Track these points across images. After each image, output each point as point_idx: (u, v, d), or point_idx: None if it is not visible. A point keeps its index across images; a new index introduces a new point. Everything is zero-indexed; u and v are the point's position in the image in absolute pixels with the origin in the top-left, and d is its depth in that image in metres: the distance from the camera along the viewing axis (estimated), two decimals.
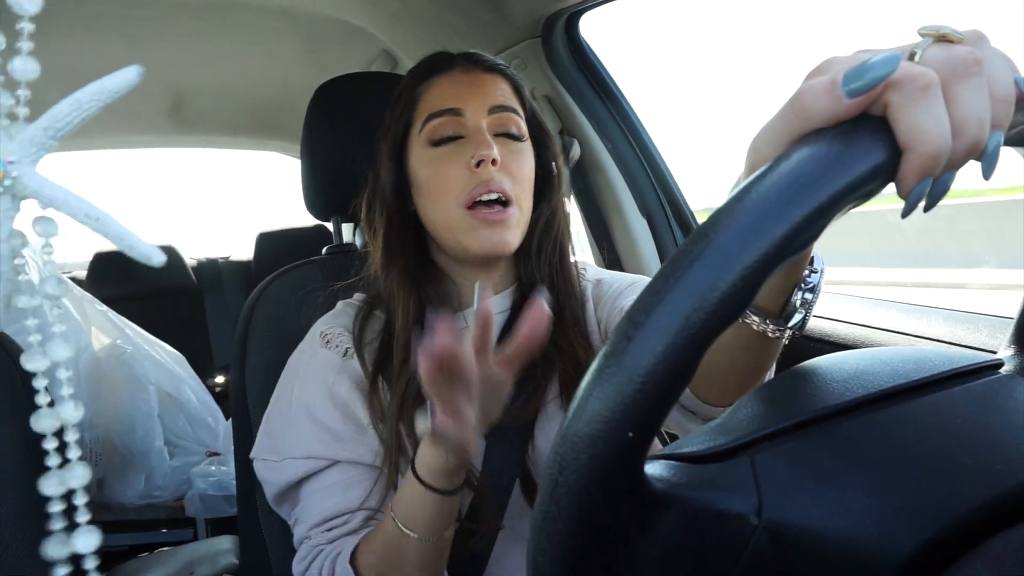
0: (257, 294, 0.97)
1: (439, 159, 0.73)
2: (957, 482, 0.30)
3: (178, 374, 1.95)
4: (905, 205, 0.29)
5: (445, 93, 0.75)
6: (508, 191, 0.71)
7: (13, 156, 0.27)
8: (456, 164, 0.72)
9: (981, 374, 0.37)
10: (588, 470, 0.24)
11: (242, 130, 2.46)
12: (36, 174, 0.28)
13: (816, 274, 0.46)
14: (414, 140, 0.75)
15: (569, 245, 0.81)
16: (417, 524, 0.60)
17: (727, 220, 0.25)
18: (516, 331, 0.52)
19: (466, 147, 0.72)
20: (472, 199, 0.71)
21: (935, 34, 0.30)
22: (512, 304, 0.79)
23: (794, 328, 0.46)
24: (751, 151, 0.32)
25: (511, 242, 0.73)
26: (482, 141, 0.71)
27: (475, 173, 0.71)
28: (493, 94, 0.75)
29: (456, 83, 0.75)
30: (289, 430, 0.74)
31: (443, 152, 0.73)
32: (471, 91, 0.74)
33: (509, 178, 0.72)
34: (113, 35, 1.53)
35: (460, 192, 0.71)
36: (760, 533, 0.28)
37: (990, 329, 0.81)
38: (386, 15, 1.47)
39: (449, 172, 0.72)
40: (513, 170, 0.73)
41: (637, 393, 0.23)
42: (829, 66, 0.30)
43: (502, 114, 0.74)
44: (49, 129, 0.28)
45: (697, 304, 0.24)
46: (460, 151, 0.72)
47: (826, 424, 0.32)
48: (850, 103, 0.27)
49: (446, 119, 0.73)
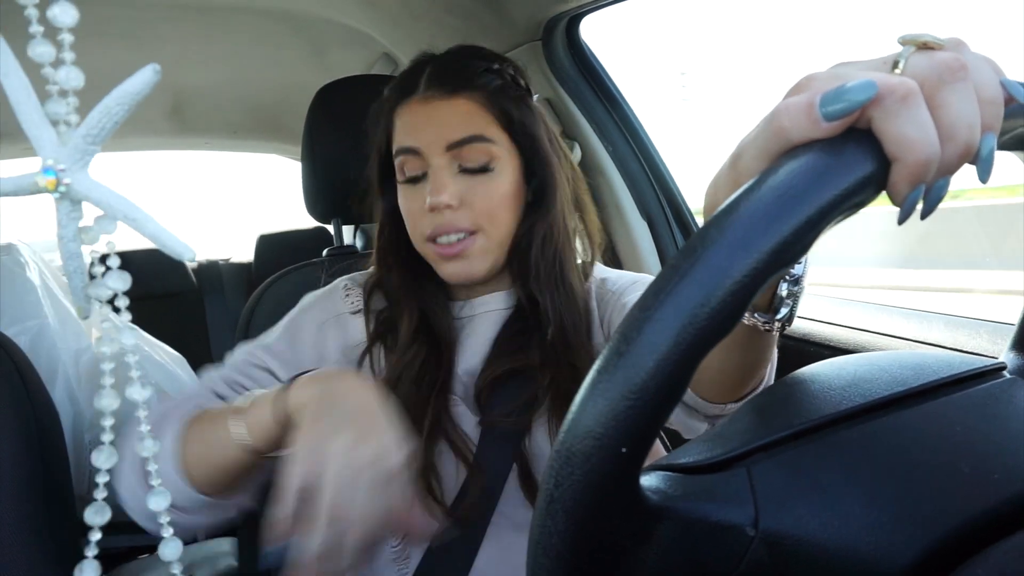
0: (257, 296, 0.97)
1: (406, 195, 0.75)
2: (956, 491, 0.30)
3: (178, 375, 1.95)
4: (900, 213, 0.29)
5: (407, 127, 0.74)
6: (468, 227, 0.72)
7: (64, 163, 0.30)
8: (418, 201, 0.72)
9: (982, 380, 0.37)
10: (583, 485, 0.24)
11: (243, 132, 2.46)
12: (85, 179, 0.31)
13: (800, 265, 0.46)
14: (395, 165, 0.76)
15: (570, 251, 0.78)
16: (256, 436, 0.58)
17: (716, 235, 0.25)
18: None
19: (427, 186, 0.72)
20: (432, 237, 0.73)
21: (916, 42, 0.30)
22: (517, 303, 0.78)
23: (782, 320, 0.46)
24: (735, 157, 0.32)
25: (476, 269, 0.74)
26: (436, 185, 0.70)
27: (431, 216, 0.72)
28: (452, 127, 0.71)
29: (415, 116, 0.73)
30: (266, 337, 0.79)
31: (409, 189, 0.74)
32: (428, 125, 0.72)
33: (470, 212, 0.72)
34: (115, 38, 1.53)
35: (423, 228, 0.73)
36: (757, 544, 0.28)
37: (991, 334, 0.80)
38: (387, 18, 1.47)
39: (413, 208, 0.74)
40: (475, 203, 0.72)
41: (630, 409, 0.23)
42: (808, 84, 0.30)
43: (460, 149, 0.71)
44: (88, 136, 0.30)
45: (687, 320, 0.24)
46: (420, 191, 0.73)
47: (823, 433, 0.32)
48: (828, 126, 0.27)
49: (408, 158, 0.73)
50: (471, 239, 0.72)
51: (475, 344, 0.77)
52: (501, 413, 0.73)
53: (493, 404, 0.74)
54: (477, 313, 0.79)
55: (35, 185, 0.30)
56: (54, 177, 0.30)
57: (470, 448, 0.73)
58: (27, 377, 0.77)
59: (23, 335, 1.51)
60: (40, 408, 0.77)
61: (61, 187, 0.30)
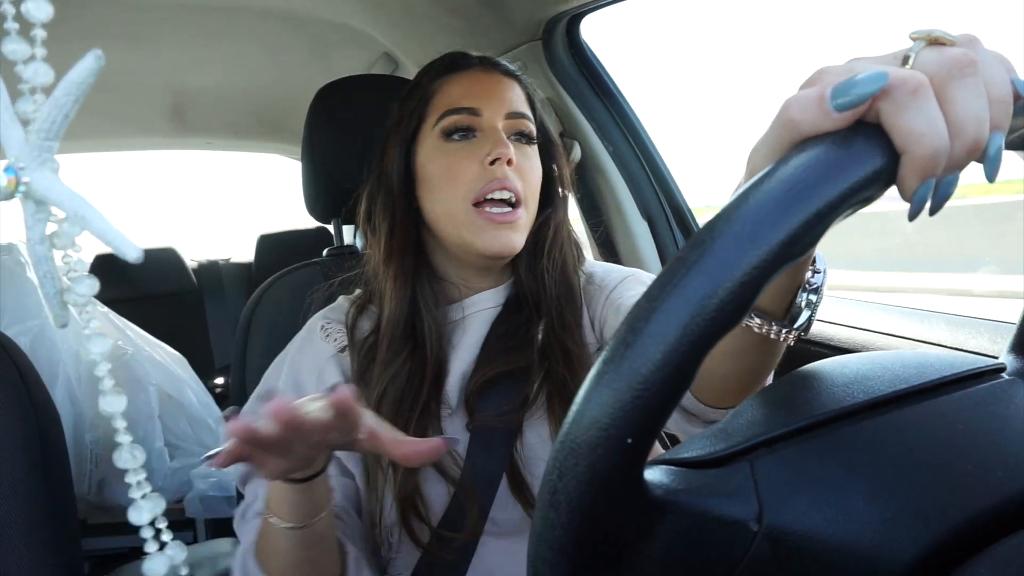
0: (258, 296, 0.97)
1: (452, 153, 0.74)
2: (958, 488, 0.30)
3: (179, 375, 1.95)
4: (910, 208, 0.29)
5: (463, 91, 0.75)
6: (520, 191, 0.72)
7: (23, 162, 0.29)
8: (469, 159, 0.72)
9: (983, 379, 0.37)
10: (587, 476, 0.24)
11: (243, 132, 2.46)
12: (44, 178, 0.29)
13: (819, 275, 0.46)
14: (426, 134, 0.76)
15: (573, 249, 0.82)
16: (278, 510, 0.58)
17: (725, 226, 0.25)
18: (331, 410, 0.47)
19: (480, 144, 0.73)
20: (482, 196, 0.71)
21: (927, 38, 0.30)
22: (506, 300, 0.79)
23: (799, 329, 0.46)
24: (748, 162, 0.32)
25: (517, 244, 0.74)
26: (499, 140, 0.72)
27: (488, 170, 0.71)
28: (510, 99, 0.76)
29: (475, 82, 0.76)
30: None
31: (456, 147, 0.74)
32: (490, 92, 0.75)
33: (521, 180, 0.73)
34: (116, 39, 1.53)
35: (471, 187, 0.72)
36: (760, 539, 0.28)
37: (991, 334, 0.80)
38: (387, 18, 1.47)
39: (461, 167, 0.73)
40: (524, 172, 0.74)
41: (636, 400, 0.23)
42: (820, 77, 0.30)
43: (517, 120, 0.76)
44: (41, 132, 0.29)
45: (695, 312, 0.24)
46: (474, 147, 0.73)
47: (826, 429, 0.32)
48: (838, 117, 0.27)
49: (463, 116, 0.74)
50: (519, 211, 0.73)
51: (467, 344, 0.77)
52: (493, 414, 0.72)
53: (483, 407, 0.73)
54: (468, 314, 0.78)
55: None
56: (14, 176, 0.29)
57: (457, 462, 0.72)
58: (28, 377, 0.77)
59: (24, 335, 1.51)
60: (41, 408, 0.77)
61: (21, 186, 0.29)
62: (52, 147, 0.29)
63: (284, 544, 0.59)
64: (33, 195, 0.29)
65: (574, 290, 0.79)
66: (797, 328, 0.46)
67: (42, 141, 0.29)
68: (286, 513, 0.58)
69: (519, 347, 0.75)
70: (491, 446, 0.72)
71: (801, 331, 0.46)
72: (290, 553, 0.60)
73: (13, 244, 1.61)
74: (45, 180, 0.29)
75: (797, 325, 0.46)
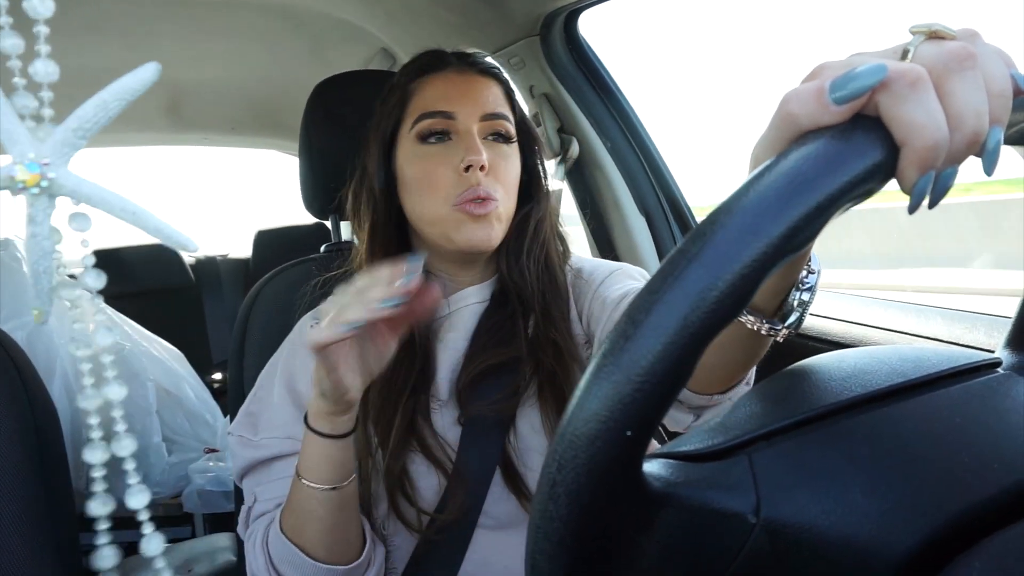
0: (255, 292, 0.97)
1: (428, 157, 0.74)
2: (955, 481, 0.30)
3: (176, 371, 1.95)
4: (910, 201, 0.29)
5: (437, 93, 0.75)
6: (494, 195, 0.72)
7: (47, 158, 0.28)
8: (445, 165, 0.73)
9: (979, 373, 0.37)
10: (586, 469, 0.24)
11: (240, 128, 2.46)
12: (70, 174, 0.29)
13: (813, 275, 0.46)
14: (403, 136, 0.76)
15: (555, 242, 0.82)
16: (312, 472, 0.62)
17: (725, 219, 0.25)
18: (409, 301, 0.54)
19: (455, 148, 0.73)
20: (460, 201, 0.72)
21: (927, 32, 0.30)
22: (491, 295, 0.80)
23: (790, 328, 0.46)
24: (751, 158, 0.32)
25: (494, 237, 0.74)
26: (472, 146, 0.72)
27: (464, 177, 0.72)
28: (485, 100, 0.75)
29: (449, 84, 0.76)
30: (270, 411, 0.75)
31: (432, 150, 0.74)
32: (464, 94, 0.75)
33: (496, 183, 0.73)
34: (113, 34, 1.53)
35: (449, 194, 0.72)
36: (758, 532, 0.28)
37: (988, 328, 0.81)
38: (385, 14, 1.46)
39: (438, 172, 0.73)
40: (500, 173, 0.74)
41: (636, 392, 0.23)
42: (820, 71, 0.30)
43: (492, 122, 0.75)
44: (79, 130, 0.29)
45: (695, 304, 0.24)
46: (449, 151, 0.73)
47: (824, 423, 0.32)
48: (837, 110, 0.27)
49: (437, 120, 0.74)
50: (495, 202, 0.73)
51: (456, 339, 0.77)
52: (485, 404, 0.73)
53: (474, 399, 0.74)
54: (454, 310, 0.79)
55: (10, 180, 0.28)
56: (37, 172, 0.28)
57: (448, 454, 0.72)
58: (24, 373, 0.77)
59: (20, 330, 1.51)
60: (38, 404, 0.77)
61: (43, 182, 0.28)
62: (80, 145, 0.29)
63: (320, 510, 0.63)
64: (56, 192, 0.29)
65: (559, 284, 0.79)
66: (789, 326, 0.46)
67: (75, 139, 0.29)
68: (325, 473, 0.62)
69: (507, 340, 0.75)
70: (483, 438, 0.73)
71: (792, 329, 0.46)
72: (325, 519, 0.63)
73: (9, 239, 1.60)
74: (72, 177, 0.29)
75: (789, 323, 0.46)
